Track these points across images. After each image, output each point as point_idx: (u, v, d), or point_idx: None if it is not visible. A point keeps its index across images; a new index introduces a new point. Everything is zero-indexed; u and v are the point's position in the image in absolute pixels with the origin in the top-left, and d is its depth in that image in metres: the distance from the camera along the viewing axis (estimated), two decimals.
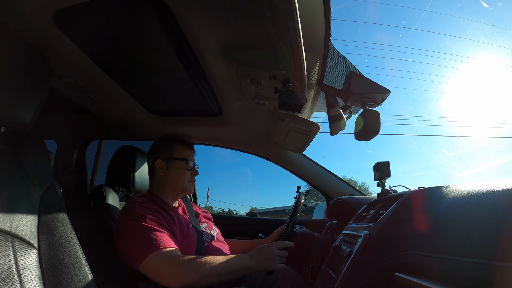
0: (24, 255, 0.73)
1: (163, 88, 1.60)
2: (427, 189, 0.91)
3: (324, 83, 1.17)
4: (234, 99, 1.55)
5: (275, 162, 2.36)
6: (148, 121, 1.93)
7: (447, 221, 0.64)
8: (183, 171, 1.43)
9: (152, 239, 1.14)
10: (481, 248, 0.47)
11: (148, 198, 1.35)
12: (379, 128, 1.09)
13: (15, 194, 0.78)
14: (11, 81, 0.77)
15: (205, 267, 1.11)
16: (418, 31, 39.96)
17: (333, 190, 2.30)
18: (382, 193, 1.35)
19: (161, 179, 1.43)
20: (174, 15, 0.98)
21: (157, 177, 1.44)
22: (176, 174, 1.43)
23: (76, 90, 1.51)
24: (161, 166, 1.43)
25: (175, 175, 1.43)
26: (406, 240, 0.74)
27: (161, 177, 1.43)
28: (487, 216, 0.53)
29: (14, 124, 0.81)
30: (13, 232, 0.73)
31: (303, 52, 0.73)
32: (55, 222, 0.84)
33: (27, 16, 0.96)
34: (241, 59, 1.16)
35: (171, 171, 1.43)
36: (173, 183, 1.42)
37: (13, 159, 0.82)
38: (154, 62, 1.35)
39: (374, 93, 1.08)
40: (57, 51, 1.16)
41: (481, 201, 0.59)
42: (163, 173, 1.43)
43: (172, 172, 1.43)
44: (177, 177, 1.43)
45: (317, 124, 1.61)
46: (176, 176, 1.43)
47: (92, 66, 1.31)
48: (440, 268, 0.54)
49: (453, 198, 0.71)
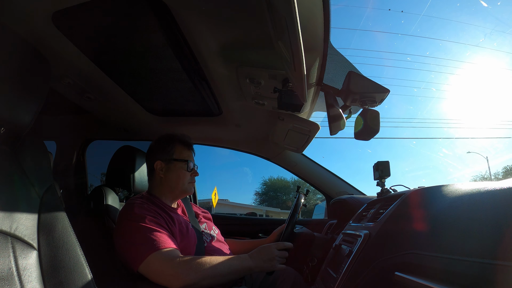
0: (24, 256, 0.73)
1: (162, 88, 1.60)
2: (427, 188, 0.91)
3: (323, 83, 1.17)
4: (234, 99, 1.55)
5: (275, 162, 2.36)
6: (148, 122, 1.93)
7: (447, 220, 0.64)
8: (183, 172, 1.42)
9: (151, 240, 1.14)
10: (482, 247, 0.47)
11: (147, 199, 1.35)
12: (378, 127, 1.09)
13: (15, 195, 0.78)
14: (11, 82, 0.77)
15: (205, 267, 1.11)
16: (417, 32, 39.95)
17: (333, 189, 2.30)
18: (382, 192, 1.35)
19: (160, 180, 1.42)
20: (173, 15, 0.99)
21: (157, 178, 1.43)
22: (176, 176, 1.42)
23: (75, 91, 1.51)
24: (161, 167, 1.42)
25: (174, 177, 1.42)
26: (406, 239, 0.74)
27: (161, 179, 1.42)
28: (487, 215, 0.53)
29: (13, 125, 0.81)
30: (13, 233, 0.73)
31: (302, 52, 0.73)
32: (55, 223, 0.84)
33: (26, 17, 0.96)
34: (240, 59, 1.16)
35: (170, 172, 1.42)
36: (172, 184, 1.41)
37: (12, 160, 0.82)
38: (153, 63, 1.35)
39: (374, 92, 1.08)
40: (56, 52, 1.16)
41: (482, 200, 0.59)
42: (162, 174, 1.42)
43: (172, 173, 1.42)
44: (177, 178, 1.42)
45: (316, 124, 1.61)
46: (176, 177, 1.41)
47: (92, 67, 1.31)
48: (440, 267, 0.54)
49: (453, 197, 0.71)
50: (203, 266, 1.11)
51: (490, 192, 0.60)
